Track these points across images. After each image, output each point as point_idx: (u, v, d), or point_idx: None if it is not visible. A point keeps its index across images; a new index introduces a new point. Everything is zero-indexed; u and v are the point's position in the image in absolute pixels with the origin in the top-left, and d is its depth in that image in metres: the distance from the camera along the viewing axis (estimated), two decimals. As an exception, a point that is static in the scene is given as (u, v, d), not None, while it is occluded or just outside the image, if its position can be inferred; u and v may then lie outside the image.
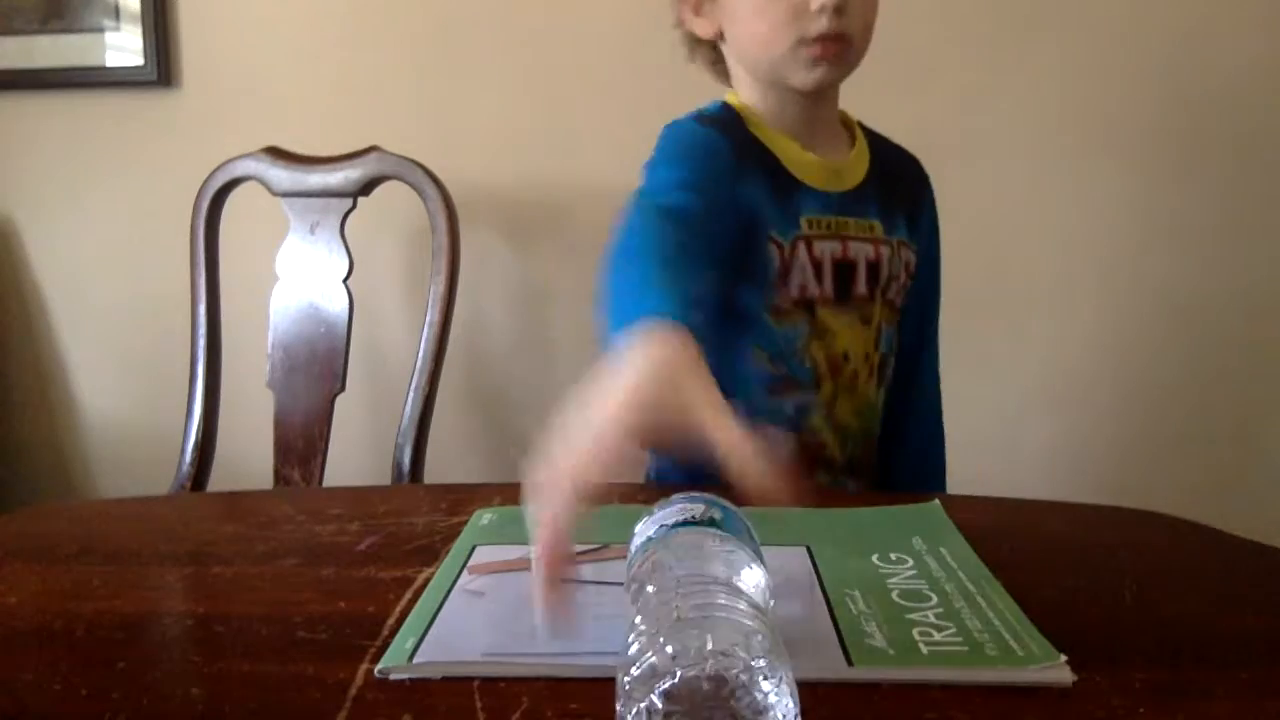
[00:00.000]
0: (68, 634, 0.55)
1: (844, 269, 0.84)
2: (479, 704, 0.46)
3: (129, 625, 0.56)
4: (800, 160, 0.85)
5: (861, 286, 0.85)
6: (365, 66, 1.49)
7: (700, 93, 1.08)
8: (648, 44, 1.45)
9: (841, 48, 0.80)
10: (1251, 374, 1.48)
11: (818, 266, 0.83)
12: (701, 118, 0.86)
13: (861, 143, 0.92)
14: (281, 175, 1.33)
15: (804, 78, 0.82)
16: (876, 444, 0.94)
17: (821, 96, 0.86)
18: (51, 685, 0.49)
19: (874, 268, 0.86)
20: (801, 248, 0.83)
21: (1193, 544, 0.73)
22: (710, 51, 0.91)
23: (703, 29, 0.88)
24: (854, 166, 0.88)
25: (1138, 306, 1.47)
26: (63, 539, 0.71)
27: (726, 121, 0.85)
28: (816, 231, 0.83)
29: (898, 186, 0.91)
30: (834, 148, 0.89)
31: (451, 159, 1.37)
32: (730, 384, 0.56)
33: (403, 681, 0.48)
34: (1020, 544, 0.70)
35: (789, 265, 0.83)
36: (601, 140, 1.45)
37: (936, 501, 0.74)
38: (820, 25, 0.78)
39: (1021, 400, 1.50)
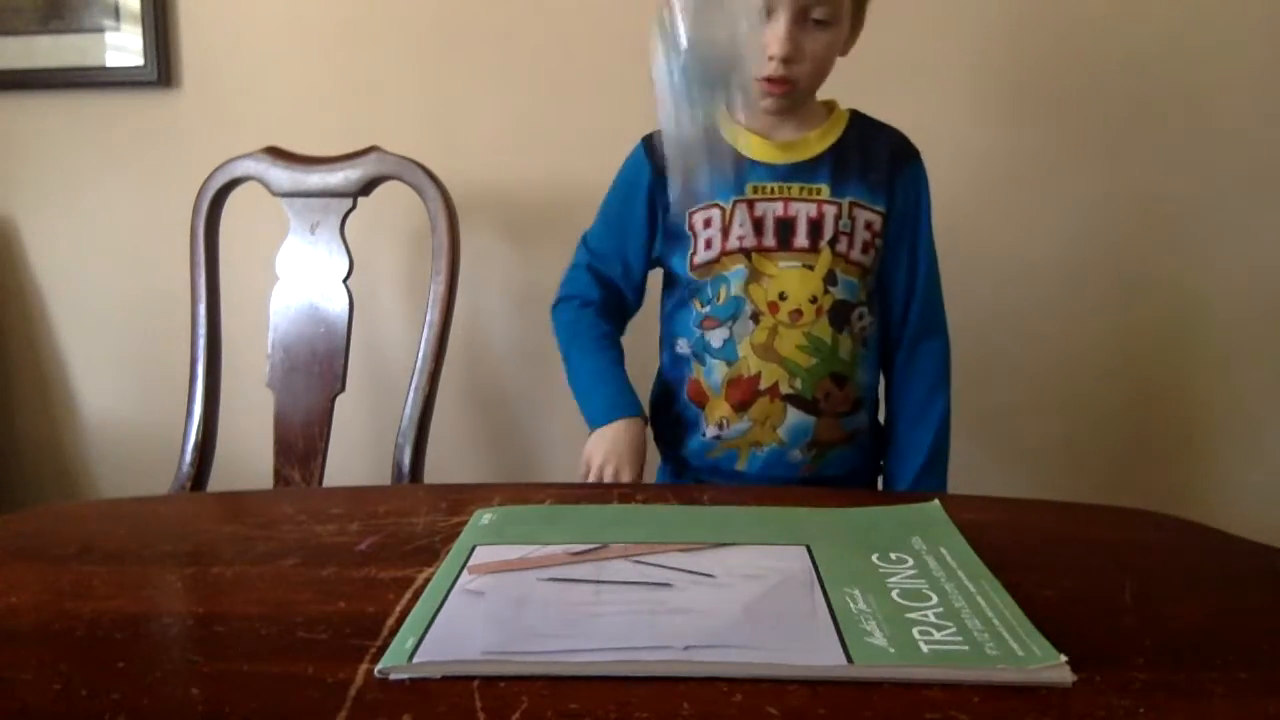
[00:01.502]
0: (68, 634, 0.55)
1: (785, 224, 1.01)
2: (479, 704, 0.46)
3: (129, 625, 0.56)
4: (751, 143, 1.04)
5: (803, 238, 1.01)
6: (365, 66, 1.49)
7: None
8: (647, 45, 1.46)
9: (786, 88, 0.99)
10: (1252, 374, 1.48)
11: (759, 223, 1.02)
12: (653, 135, 1.07)
13: (834, 125, 1.05)
14: (281, 175, 1.33)
15: (757, 102, 1.01)
16: (861, 392, 1.05)
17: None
18: (51, 685, 0.49)
19: (815, 223, 1.01)
20: (742, 208, 1.01)
21: (1193, 544, 0.73)
22: None
23: None
24: (813, 143, 1.04)
25: (1139, 306, 1.47)
26: (63, 539, 0.71)
27: None
28: (760, 195, 1.02)
29: (863, 159, 1.04)
30: (798, 131, 1.04)
31: (451, 159, 1.37)
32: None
33: (403, 681, 0.49)
34: (1020, 544, 0.70)
35: (729, 223, 1.02)
36: (602, 140, 1.45)
37: (936, 501, 0.74)
38: (768, 69, 0.97)
39: (1022, 400, 1.50)
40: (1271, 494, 1.47)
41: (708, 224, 1.02)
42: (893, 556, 0.64)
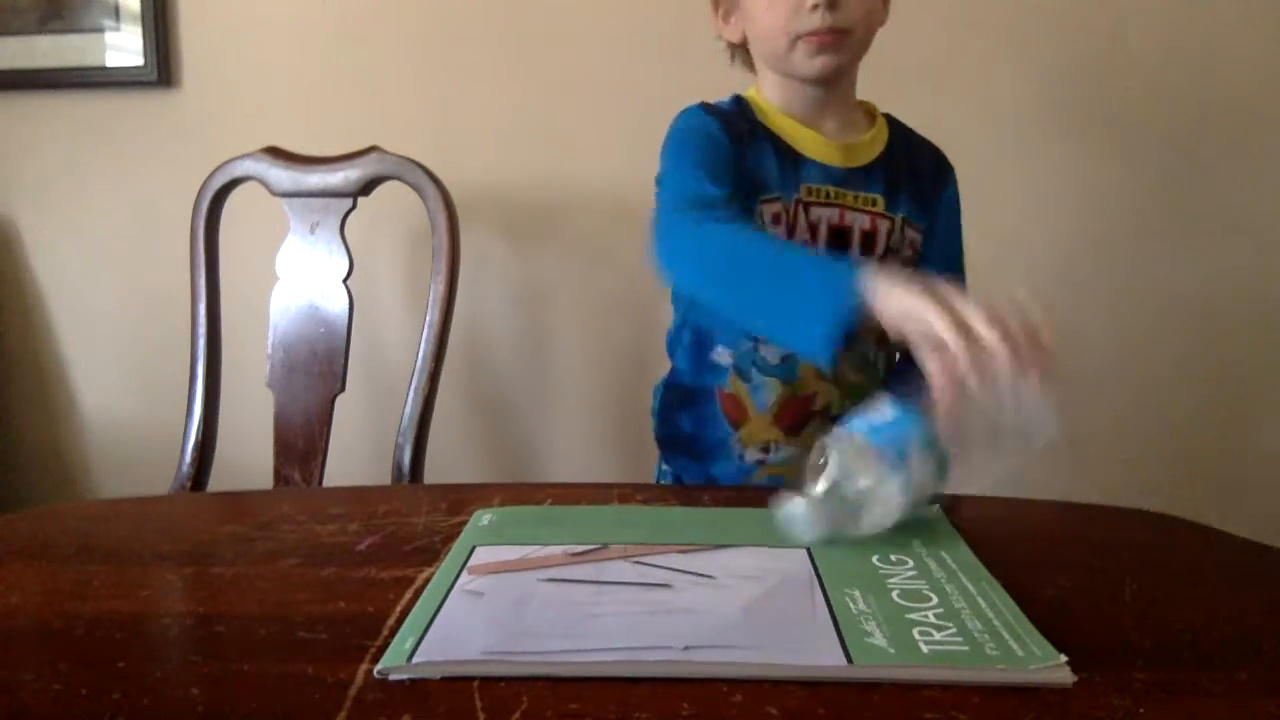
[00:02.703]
0: (68, 634, 0.55)
1: (839, 234, 0.94)
2: (479, 704, 0.46)
3: (129, 625, 0.56)
4: (803, 137, 0.94)
5: (855, 252, 0.94)
6: (365, 66, 1.49)
7: (698, 94, 1.09)
8: (647, 44, 1.46)
9: (838, 38, 0.89)
10: (1252, 374, 1.48)
11: (813, 229, 0.93)
12: (707, 106, 0.96)
13: (881, 130, 0.99)
14: (281, 175, 1.33)
15: (808, 67, 0.91)
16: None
17: (831, 84, 0.94)
18: (51, 685, 0.49)
19: (869, 237, 0.95)
20: (800, 212, 0.93)
21: (1193, 544, 0.73)
22: (744, 54, 1.00)
23: (731, 34, 0.99)
24: (866, 148, 0.96)
25: (1138, 306, 1.47)
26: (63, 539, 0.71)
27: (731, 111, 0.96)
28: (814, 199, 0.93)
29: (911, 172, 0.98)
30: (846, 130, 0.97)
31: (451, 159, 1.37)
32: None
33: (403, 682, 0.48)
34: (1020, 544, 0.70)
35: (793, 226, 0.93)
36: (602, 140, 1.45)
37: (936, 504, 0.74)
38: (814, 21, 0.88)
39: (1021, 400, 1.50)
40: (1271, 494, 1.47)
41: (776, 219, 0.92)
42: (893, 558, 0.64)
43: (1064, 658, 0.49)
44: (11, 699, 0.48)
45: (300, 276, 1.33)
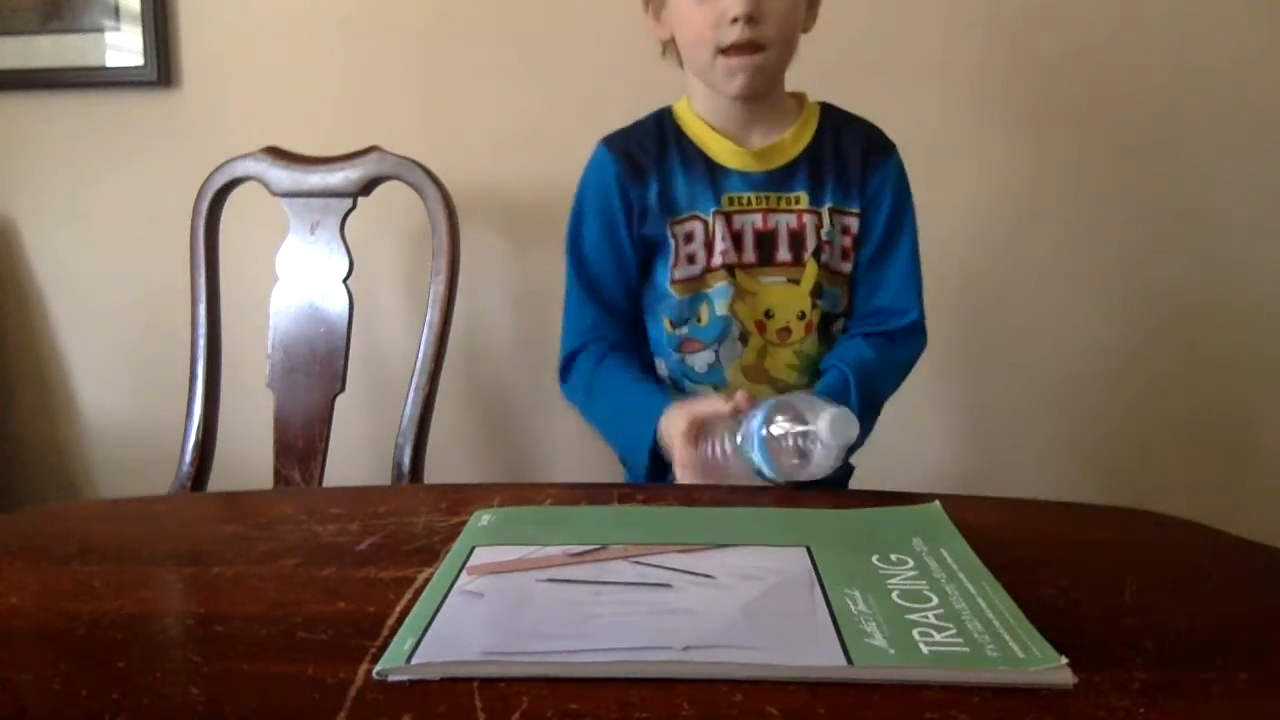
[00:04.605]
0: (68, 634, 0.55)
1: (765, 238, 0.96)
2: (479, 704, 0.46)
3: (129, 625, 0.56)
4: (724, 149, 0.97)
5: (785, 252, 0.96)
6: (365, 66, 1.49)
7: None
8: (646, 44, 1.45)
9: (755, 55, 0.91)
10: (1251, 374, 1.48)
11: (737, 237, 0.95)
12: (610, 145, 1.02)
13: (806, 124, 0.99)
14: (281, 175, 1.33)
15: (727, 85, 0.94)
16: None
17: (752, 100, 0.96)
18: (51, 685, 0.49)
19: (797, 235, 0.96)
20: (721, 221, 0.95)
21: (1193, 544, 0.73)
22: (675, 50, 1.01)
23: (661, 33, 1.00)
24: (787, 147, 0.98)
25: (1139, 306, 1.47)
26: (63, 539, 0.71)
27: (639, 140, 1.01)
28: (736, 208, 0.96)
29: (838, 160, 0.98)
30: (769, 133, 0.98)
31: (451, 159, 1.37)
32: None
33: (402, 682, 0.48)
34: (1020, 544, 0.70)
35: (713, 236, 0.95)
36: (601, 140, 1.45)
37: (937, 503, 0.74)
38: (733, 35, 0.89)
39: (1022, 400, 1.50)
40: (1271, 494, 1.47)
41: (689, 238, 0.96)
42: (893, 558, 0.64)
43: (1064, 659, 0.49)
44: (11, 699, 0.48)
45: (300, 276, 1.33)
